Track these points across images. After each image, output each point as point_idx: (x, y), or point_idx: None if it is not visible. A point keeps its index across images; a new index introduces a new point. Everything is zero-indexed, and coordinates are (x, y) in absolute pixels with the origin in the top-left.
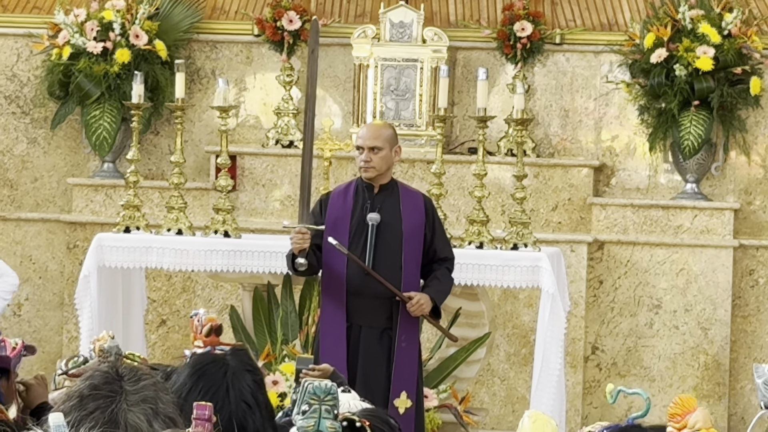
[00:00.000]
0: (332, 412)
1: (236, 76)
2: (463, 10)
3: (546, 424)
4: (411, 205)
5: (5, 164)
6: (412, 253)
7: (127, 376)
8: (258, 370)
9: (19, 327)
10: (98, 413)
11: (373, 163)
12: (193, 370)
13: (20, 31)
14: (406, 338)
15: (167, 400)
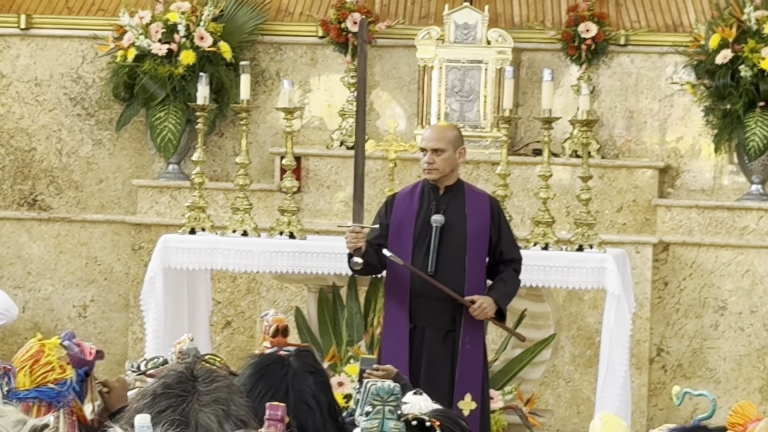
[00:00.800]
0: (395, 413)
1: (301, 77)
2: (527, 12)
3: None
4: (476, 206)
5: (71, 166)
6: (477, 254)
7: (201, 377)
8: (321, 372)
9: (85, 329)
10: (169, 412)
11: (436, 165)
12: (254, 370)
13: (85, 34)
14: (471, 340)
15: (240, 402)
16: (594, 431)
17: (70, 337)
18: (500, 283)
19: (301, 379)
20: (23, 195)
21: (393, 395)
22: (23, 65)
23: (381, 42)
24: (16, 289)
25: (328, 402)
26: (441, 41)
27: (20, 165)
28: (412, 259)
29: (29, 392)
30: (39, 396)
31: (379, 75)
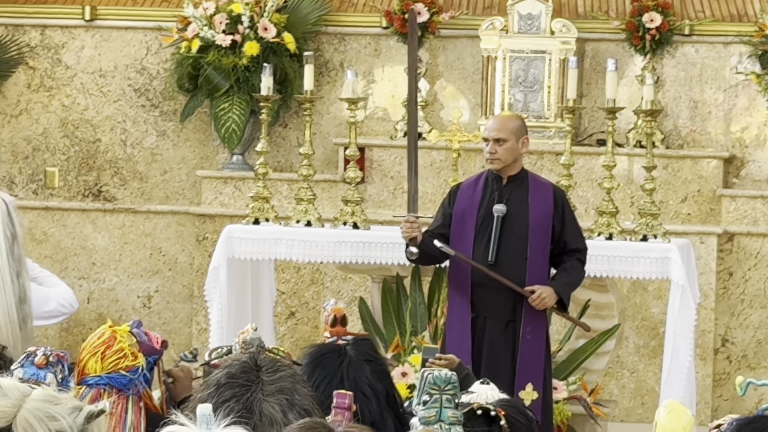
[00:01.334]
0: (453, 402)
1: (364, 68)
2: (591, 2)
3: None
4: (539, 196)
5: (135, 157)
6: (539, 245)
7: (265, 367)
8: (379, 361)
9: (149, 319)
10: (234, 401)
11: (498, 155)
12: (311, 359)
13: (150, 25)
14: (532, 330)
15: (304, 392)
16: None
17: (138, 325)
18: (563, 273)
19: (357, 368)
20: (88, 186)
21: (450, 384)
22: (88, 57)
23: (445, 33)
24: (80, 280)
25: (386, 390)
26: (505, 32)
27: (85, 156)
28: (473, 248)
29: (100, 378)
30: (110, 382)
31: (443, 66)
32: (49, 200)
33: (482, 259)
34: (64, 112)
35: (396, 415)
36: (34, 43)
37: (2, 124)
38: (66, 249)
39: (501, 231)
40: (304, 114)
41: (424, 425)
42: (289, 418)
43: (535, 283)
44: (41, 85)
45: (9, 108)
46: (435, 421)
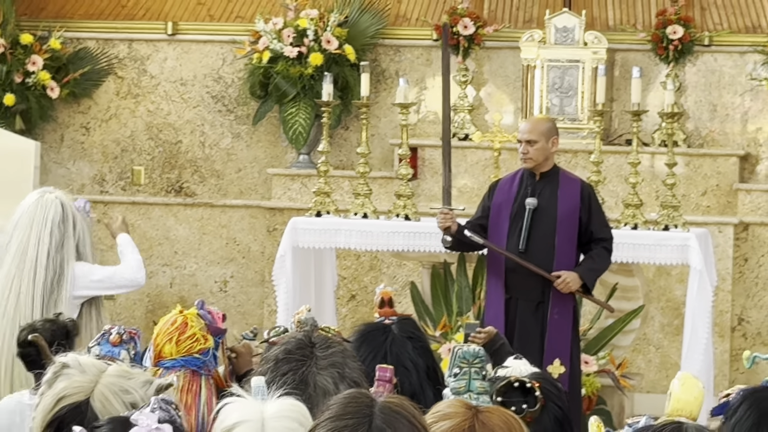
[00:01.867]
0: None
1: (417, 76)
2: (620, 15)
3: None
4: (568, 190)
5: (212, 157)
6: (566, 235)
7: (318, 344)
8: (420, 338)
9: (225, 302)
10: (290, 375)
11: (530, 155)
12: (358, 336)
13: (225, 38)
14: (559, 311)
15: (354, 366)
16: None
17: (202, 305)
18: (588, 260)
19: (400, 344)
20: (170, 183)
21: (478, 358)
22: (170, 67)
23: (489, 44)
24: (164, 267)
25: (426, 365)
26: (542, 43)
27: (168, 156)
28: (507, 238)
29: (176, 361)
30: (185, 365)
31: (487, 74)
32: (136, 196)
33: (514, 248)
34: (149, 117)
35: (436, 388)
36: (123, 55)
37: (94, 128)
38: (151, 239)
39: (532, 222)
40: (361, 117)
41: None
42: (340, 389)
43: (563, 269)
44: (129, 93)
45: (100, 113)
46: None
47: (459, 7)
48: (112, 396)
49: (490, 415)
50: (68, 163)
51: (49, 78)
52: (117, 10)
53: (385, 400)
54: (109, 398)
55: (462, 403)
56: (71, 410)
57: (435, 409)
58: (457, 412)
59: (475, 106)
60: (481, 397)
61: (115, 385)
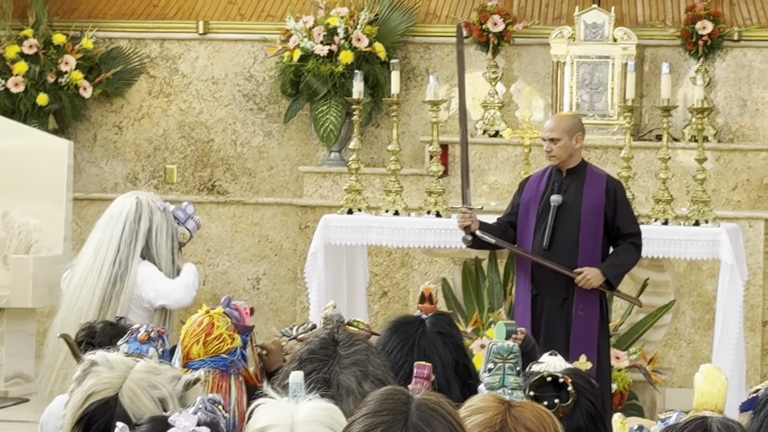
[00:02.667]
0: (515, 369)
1: (447, 74)
2: (650, 11)
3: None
4: (594, 186)
5: (244, 155)
6: (590, 231)
7: (341, 342)
8: (451, 334)
9: (258, 299)
10: (314, 374)
11: (554, 152)
12: (390, 326)
13: (256, 37)
14: (584, 307)
15: (378, 363)
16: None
17: (228, 303)
18: (613, 255)
19: (430, 339)
20: (203, 181)
21: (512, 354)
22: (202, 66)
23: (519, 41)
24: (197, 264)
25: (455, 360)
26: (572, 39)
27: (200, 154)
28: (533, 235)
29: (204, 362)
30: (213, 365)
31: (517, 70)
32: (169, 194)
33: (539, 245)
34: (181, 116)
35: (464, 383)
36: (154, 54)
37: (127, 126)
38: None
39: (556, 219)
40: (392, 115)
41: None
42: (363, 388)
43: (588, 266)
44: (161, 92)
45: (132, 112)
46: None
47: (488, 4)
48: (141, 391)
49: (522, 410)
50: (101, 162)
51: (81, 78)
52: (149, 10)
53: (422, 398)
54: (137, 393)
55: (495, 397)
56: (100, 406)
57: (468, 403)
58: (490, 406)
59: (505, 103)
60: (515, 393)
61: (143, 381)
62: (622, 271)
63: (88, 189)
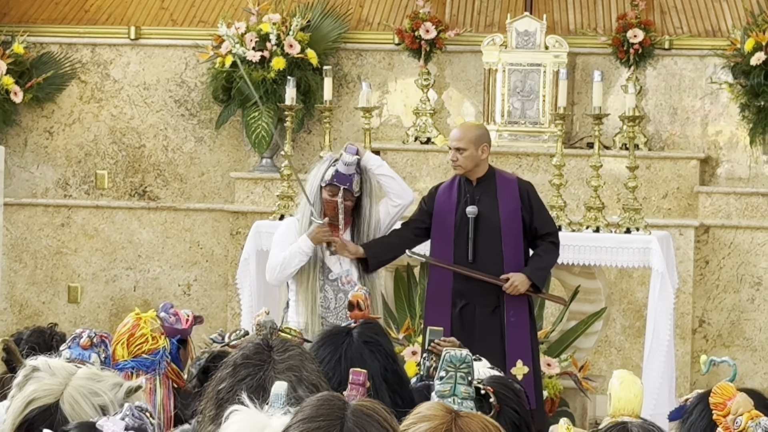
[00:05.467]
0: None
1: (379, 80)
2: (581, 19)
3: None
4: (506, 192)
5: (176, 161)
6: (511, 238)
7: (276, 347)
8: (378, 342)
9: (189, 305)
10: (248, 380)
11: (459, 162)
12: (319, 338)
13: (188, 43)
14: (515, 313)
15: (312, 368)
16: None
17: (167, 308)
18: (535, 258)
19: (357, 349)
20: (134, 187)
21: (465, 363)
22: (133, 71)
23: (450, 48)
24: (128, 270)
25: (384, 368)
26: (504, 47)
27: (131, 160)
28: (454, 248)
29: (127, 362)
30: (136, 365)
31: (449, 78)
32: (100, 200)
33: (463, 259)
34: (112, 121)
35: (393, 390)
36: (86, 59)
37: (57, 132)
38: (115, 243)
39: (476, 230)
40: (324, 122)
41: (440, 398)
42: (298, 393)
43: (512, 272)
44: (92, 97)
45: (63, 118)
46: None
47: (420, 11)
48: (82, 398)
49: (469, 420)
50: (32, 168)
51: (12, 82)
52: (80, 15)
53: (358, 403)
54: (78, 401)
55: (443, 406)
56: (41, 413)
57: (416, 410)
58: (437, 414)
59: (437, 110)
60: (465, 402)
61: (85, 388)
62: (545, 272)
63: (18, 194)
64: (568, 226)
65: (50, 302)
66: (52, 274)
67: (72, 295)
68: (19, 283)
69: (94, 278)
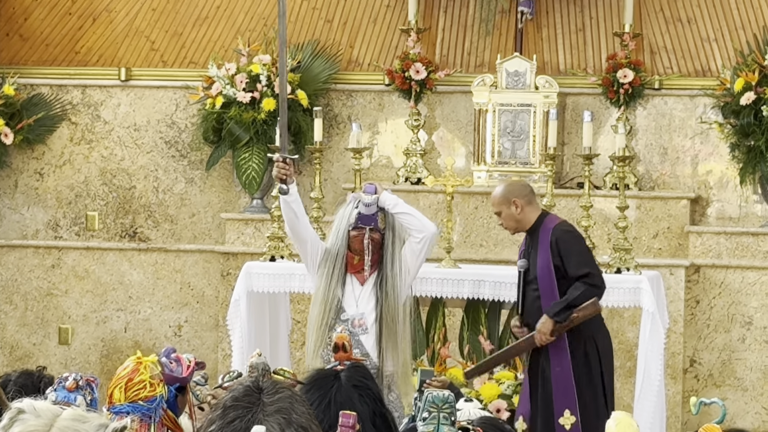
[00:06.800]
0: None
1: (370, 121)
2: (571, 60)
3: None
4: (543, 242)
5: (166, 202)
6: (547, 289)
7: (266, 389)
8: (367, 386)
9: (180, 346)
10: (237, 422)
11: (503, 224)
12: (307, 382)
13: (178, 84)
14: (558, 362)
15: (302, 411)
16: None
17: (169, 353)
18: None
19: (345, 393)
20: (125, 228)
21: (447, 403)
22: (124, 113)
23: (441, 89)
24: (118, 312)
25: (372, 412)
26: (494, 87)
27: (122, 201)
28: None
29: (123, 406)
30: (131, 410)
31: (439, 118)
32: (90, 241)
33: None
34: (103, 162)
35: None
36: (76, 101)
37: (48, 173)
38: (105, 284)
39: (524, 283)
40: (315, 162)
41: None
42: None
43: None
44: (82, 139)
45: (54, 159)
46: None
47: (411, 52)
48: None
49: None
50: (22, 209)
51: (2, 124)
52: (70, 57)
53: None
54: None
55: None
56: None
57: None
58: None
59: (427, 150)
60: None
61: (70, 429)
62: (563, 305)
63: (9, 236)
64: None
65: (41, 344)
66: (42, 315)
67: (63, 336)
68: (9, 325)
69: (84, 320)
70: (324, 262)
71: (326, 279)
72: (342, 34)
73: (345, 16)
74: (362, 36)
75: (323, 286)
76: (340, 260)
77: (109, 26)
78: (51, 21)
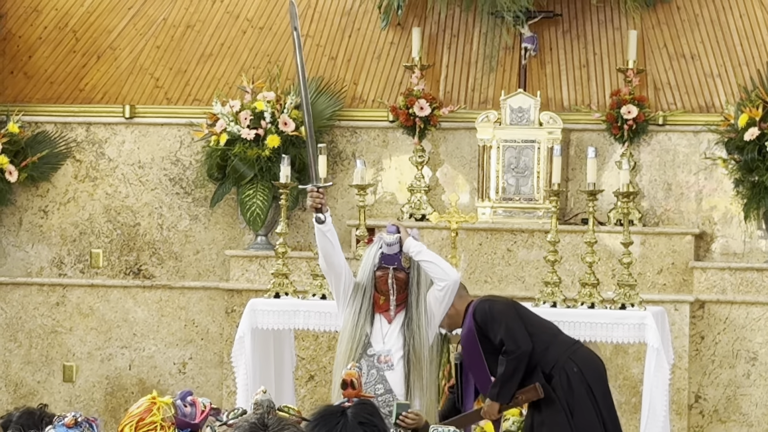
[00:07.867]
0: None
1: (374, 157)
2: (575, 96)
3: None
4: (466, 326)
5: (170, 239)
6: (476, 370)
7: (271, 426)
8: (373, 422)
9: (184, 383)
10: None
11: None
12: (314, 418)
13: (182, 121)
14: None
15: None
16: None
17: (184, 396)
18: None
19: (351, 429)
20: (129, 265)
21: None
22: (128, 150)
23: (445, 125)
24: (123, 349)
25: None
26: (498, 123)
27: (126, 239)
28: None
29: None
30: None
31: (443, 154)
32: (95, 278)
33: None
34: (107, 200)
35: None
36: (81, 138)
37: (52, 211)
38: (110, 321)
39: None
40: None
41: None
42: None
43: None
44: (87, 176)
45: (58, 197)
46: None
47: (415, 88)
48: None
49: None
50: (27, 247)
51: (7, 162)
52: (75, 94)
53: None
54: None
55: None
56: None
57: None
58: None
59: (431, 187)
60: None
61: None
62: (500, 386)
63: (13, 273)
64: (563, 303)
65: (45, 381)
66: (47, 353)
67: (67, 374)
68: (14, 363)
69: (89, 357)
70: (353, 296)
71: (354, 314)
72: (346, 71)
73: (349, 53)
74: (366, 73)
75: (351, 322)
76: (368, 298)
77: (113, 64)
78: (55, 59)
